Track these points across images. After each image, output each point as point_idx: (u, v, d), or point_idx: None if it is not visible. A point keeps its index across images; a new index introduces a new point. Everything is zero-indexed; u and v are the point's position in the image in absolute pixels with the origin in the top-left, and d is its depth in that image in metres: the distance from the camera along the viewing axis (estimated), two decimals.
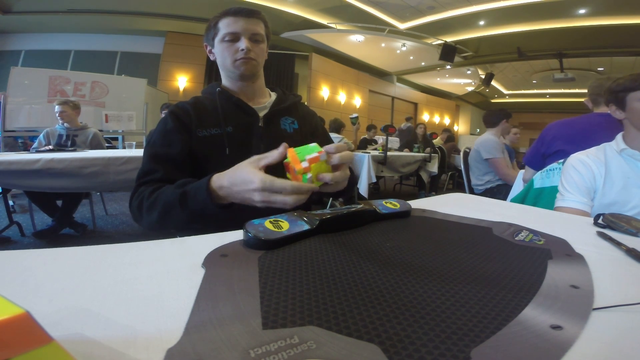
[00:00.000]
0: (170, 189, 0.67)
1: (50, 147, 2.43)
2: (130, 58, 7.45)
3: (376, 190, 4.69)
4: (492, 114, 2.66)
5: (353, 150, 3.61)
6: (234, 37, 0.85)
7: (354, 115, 4.33)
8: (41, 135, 2.74)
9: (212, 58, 0.93)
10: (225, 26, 0.86)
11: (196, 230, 0.79)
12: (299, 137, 0.94)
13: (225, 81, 0.94)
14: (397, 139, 5.39)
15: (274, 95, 0.99)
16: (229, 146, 0.84)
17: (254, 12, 0.87)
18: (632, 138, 0.99)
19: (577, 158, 1.05)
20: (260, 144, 0.87)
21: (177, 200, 0.63)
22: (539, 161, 1.62)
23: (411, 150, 4.62)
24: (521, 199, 1.38)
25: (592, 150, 1.05)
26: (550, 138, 1.59)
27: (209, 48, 0.93)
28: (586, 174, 1.01)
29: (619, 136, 1.02)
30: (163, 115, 3.29)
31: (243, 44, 0.85)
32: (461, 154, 2.78)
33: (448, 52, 7.56)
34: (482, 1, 6.27)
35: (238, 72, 0.87)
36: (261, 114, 0.91)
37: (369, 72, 9.64)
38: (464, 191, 2.59)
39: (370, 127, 5.44)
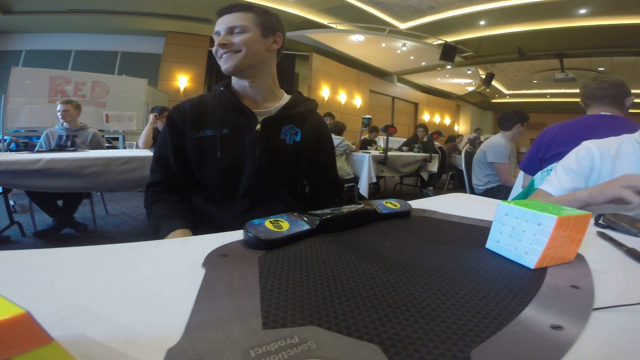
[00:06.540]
0: (157, 212, 0.81)
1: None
2: (130, 58, 7.45)
3: (376, 190, 4.69)
4: (506, 117, 2.53)
5: (354, 151, 3.59)
6: (218, 36, 0.82)
7: (368, 116, 4.11)
8: (41, 139, 2.74)
9: None
10: (215, 28, 0.84)
11: (195, 225, 0.81)
12: (296, 150, 0.89)
13: (232, 80, 0.90)
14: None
15: (286, 99, 0.92)
16: (221, 149, 0.82)
17: (233, 6, 0.82)
18: None
19: (586, 146, 0.98)
20: (254, 149, 0.83)
21: (153, 229, 0.79)
22: (536, 166, 1.59)
23: (412, 150, 4.62)
24: (522, 199, 1.38)
25: (608, 140, 0.98)
26: (546, 141, 1.58)
27: None
28: (585, 164, 0.95)
29: None
30: (151, 119, 3.28)
31: (218, 39, 0.81)
32: (462, 154, 2.78)
33: (448, 52, 7.55)
34: (482, 1, 6.26)
35: (222, 68, 0.83)
36: (262, 118, 0.86)
37: (369, 72, 9.63)
38: (464, 191, 2.59)
39: (373, 129, 5.44)
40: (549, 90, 11.89)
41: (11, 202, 2.63)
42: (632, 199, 0.63)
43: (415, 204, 0.76)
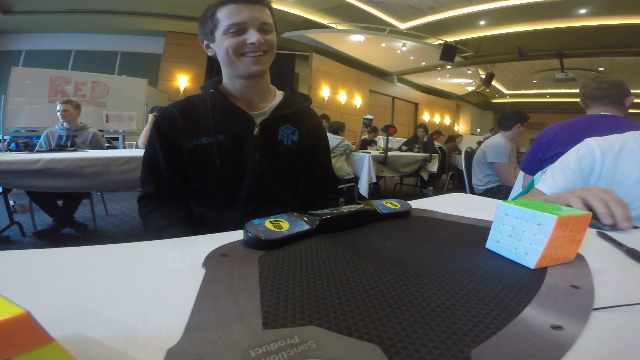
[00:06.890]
0: (155, 222, 0.76)
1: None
2: (130, 58, 7.45)
3: (376, 190, 4.69)
4: (506, 117, 2.53)
5: (354, 151, 3.59)
6: (240, 29, 0.73)
7: (369, 117, 4.05)
8: (42, 139, 2.74)
9: (210, 54, 0.82)
10: (227, 16, 0.74)
11: (196, 230, 0.81)
12: (295, 150, 0.86)
13: (226, 79, 0.84)
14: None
15: (279, 97, 0.88)
16: (220, 157, 0.79)
17: None
18: None
19: (587, 144, 0.96)
20: (253, 154, 0.81)
21: (153, 239, 0.80)
22: (536, 166, 1.59)
23: (411, 150, 4.62)
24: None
25: (611, 138, 0.95)
26: (546, 141, 1.58)
27: (205, 43, 0.82)
28: (585, 163, 0.93)
29: None
30: (151, 119, 3.21)
31: (253, 36, 0.73)
32: (462, 153, 2.78)
33: (448, 52, 7.55)
34: (482, 1, 6.26)
35: (248, 70, 0.77)
36: (258, 120, 0.81)
37: (369, 72, 9.63)
38: (464, 191, 2.59)
39: (372, 129, 5.44)
40: (549, 90, 11.89)
41: (11, 202, 2.63)
42: (577, 207, 0.63)
43: (415, 204, 0.76)
